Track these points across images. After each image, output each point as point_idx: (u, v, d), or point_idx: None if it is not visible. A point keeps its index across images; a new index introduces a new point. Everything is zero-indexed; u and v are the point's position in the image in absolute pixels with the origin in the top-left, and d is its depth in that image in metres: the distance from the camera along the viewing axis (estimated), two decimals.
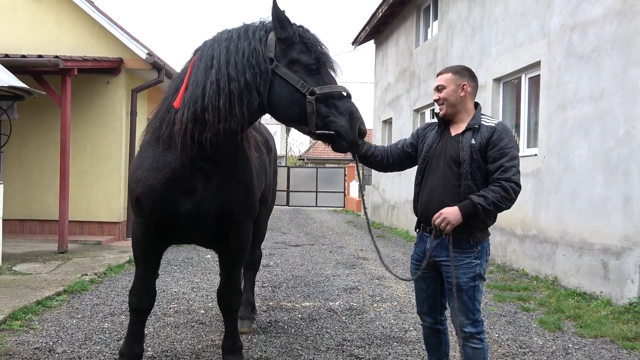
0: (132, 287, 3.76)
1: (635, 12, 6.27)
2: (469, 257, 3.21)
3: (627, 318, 5.70)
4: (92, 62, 10.28)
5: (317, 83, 3.02)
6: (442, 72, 3.43)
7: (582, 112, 7.18)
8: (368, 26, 17.17)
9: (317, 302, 6.42)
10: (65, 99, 9.47)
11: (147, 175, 3.42)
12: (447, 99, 3.30)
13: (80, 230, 10.96)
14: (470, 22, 10.84)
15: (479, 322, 3.25)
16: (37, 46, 10.76)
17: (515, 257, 8.81)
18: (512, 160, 3.17)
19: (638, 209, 6.13)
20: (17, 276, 7.15)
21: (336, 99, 3.04)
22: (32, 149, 10.91)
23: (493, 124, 3.28)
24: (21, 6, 11.13)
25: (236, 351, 3.91)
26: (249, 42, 3.10)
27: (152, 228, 3.55)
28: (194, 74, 3.21)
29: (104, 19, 11.04)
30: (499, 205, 3.10)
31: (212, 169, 3.37)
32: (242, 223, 3.76)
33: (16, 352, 4.39)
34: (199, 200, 3.39)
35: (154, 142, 3.46)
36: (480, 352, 3.22)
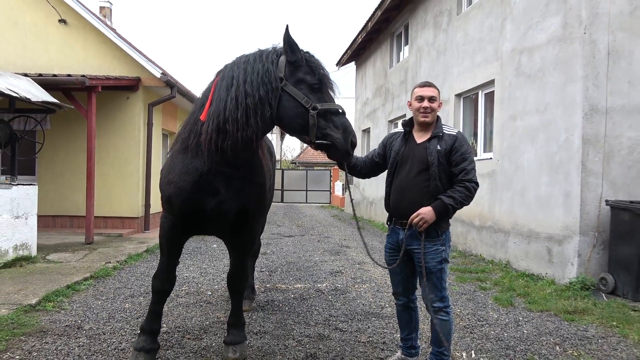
0: (156, 272, 3.71)
1: (574, 39, 6.32)
2: (436, 245, 3.25)
3: (568, 295, 5.75)
4: (114, 81, 10.19)
5: (319, 100, 3.05)
6: (430, 85, 3.46)
7: (530, 123, 7.22)
8: (350, 50, 17.18)
9: (307, 284, 6.40)
10: (91, 112, 9.37)
11: (177, 178, 3.41)
12: (434, 110, 3.36)
13: (104, 224, 10.84)
14: (435, 47, 10.88)
15: (446, 298, 3.29)
16: (67, 67, 10.66)
17: (474, 245, 8.85)
18: (471, 164, 3.27)
19: (576, 203, 6.17)
20: (50, 264, 7.06)
21: (334, 114, 3.06)
22: (62, 155, 10.78)
23: (454, 132, 3.36)
24: (53, 33, 10.99)
25: (240, 326, 3.90)
26: (262, 64, 3.14)
27: (179, 223, 3.54)
28: (217, 91, 3.23)
29: (124, 44, 10.93)
30: (464, 202, 3.21)
31: (233, 172, 3.37)
32: (255, 218, 3.78)
33: (49, 329, 4.33)
34: (221, 199, 3.39)
35: (183, 150, 3.46)
36: (447, 323, 3.28)
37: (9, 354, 3.73)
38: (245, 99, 3.09)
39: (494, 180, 8.17)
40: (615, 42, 6.13)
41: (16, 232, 6.98)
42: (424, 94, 3.36)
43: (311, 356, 3.85)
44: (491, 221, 8.24)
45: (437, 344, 3.30)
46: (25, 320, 4.48)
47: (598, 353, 4.05)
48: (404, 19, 13.11)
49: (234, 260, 3.91)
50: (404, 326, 3.57)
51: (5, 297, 5.17)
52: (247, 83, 3.12)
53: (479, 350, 4.07)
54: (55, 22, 10.96)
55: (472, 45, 9.14)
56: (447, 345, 3.30)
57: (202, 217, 3.46)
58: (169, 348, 3.94)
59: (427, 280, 3.27)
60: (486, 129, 9.03)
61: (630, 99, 6.16)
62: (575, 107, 6.25)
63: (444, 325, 3.26)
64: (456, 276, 6.92)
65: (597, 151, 6.12)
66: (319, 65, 3.15)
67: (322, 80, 3.13)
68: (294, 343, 4.14)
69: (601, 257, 6.09)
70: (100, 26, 10.94)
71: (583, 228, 6.11)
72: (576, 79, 6.25)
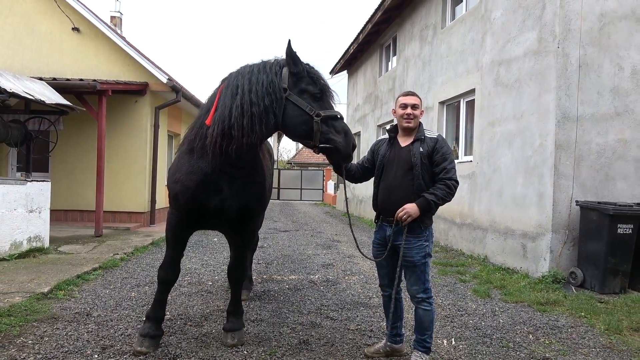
0: (162, 263, 3.68)
1: (548, 52, 6.35)
2: (420, 240, 3.27)
3: (541, 287, 5.76)
4: (123, 85, 10.11)
5: (321, 108, 3.08)
6: (413, 94, 3.49)
7: (507, 129, 7.24)
8: (342, 59, 17.17)
9: (301, 275, 6.38)
10: (102, 114, 9.29)
11: (184, 177, 3.41)
12: (416, 117, 3.40)
13: (113, 219, 10.76)
14: (421, 58, 10.88)
15: (429, 290, 3.31)
16: (79, 72, 10.57)
17: (455, 240, 8.86)
18: (451, 164, 3.30)
19: (549, 203, 6.20)
20: (62, 255, 6.99)
21: (334, 120, 3.09)
22: (74, 154, 10.68)
23: (434, 135, 3.40)
24: (67, 40, 10.90)
25: (238, 315, 3.87)
26: (267, 75, 3.15)
27: (185, 218, 3.52)
28: (222, 98, 3.21)
29: (133, 51, 10.85)
30: (445, 199, 3.22)
31: (236, 172, 3.36)
32: (255, 215, 3.77)
33: (60, 316, 4.28)
34: (224, 197, 3.38)
35: (189, 151, 3.45)
36: (429, 313, 3.29)
37: (22, 338, 3.68)
38: (250, 107, 3.09)
39: (474, 181, 8.19)
40: (586, 56, 6.16)
41: (30, 225, 6.91)
42: (407, 102, 3.40)
43: (304, 342, 3.83)
44: (471, 219, 8.26)
45: (420, 332, 3.32)
46: (37, 308, 4.43)
47: (567, 341, 4.06)
48: (393, 31, 13.11)
49: (235, 253, 3.88)
50: (389, 315, 3.55)
51: (20, 285, 5.11)
52: (252, 92, 3.11)
53: (459, 338, 4.07)
54: (69, 30, 10.86)
55: (455, 57, 9.15)
56: (429, 332, 3.32)
57: (206, 213, 3.45)
58: (172, 334, 3.91)
59: (411, 273, 3.29)
60: (467, 134, 9.04)
61: (599, 108, 6.19)
62: (549, 115, 6.28)
63: (426, 315, 3.28)
64: (438, 269, 6.92)
65: (569, 155, 6.14)
66: (319, 77, 3.18)
67: (323, 90, 3.15)
68: (288, 330, 4.12)
69: (571, 253, 6.12)
70: (111, 34, 10.85)
71: (555, 226, 6.14)
72: (550, 89, 6.27)
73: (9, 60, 10.59)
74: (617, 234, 5.62)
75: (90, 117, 9.59)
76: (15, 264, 6.20)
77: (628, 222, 5.64)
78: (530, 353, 3.76)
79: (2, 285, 5.10)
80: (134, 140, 10.90)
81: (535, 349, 3.84)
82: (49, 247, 7.31)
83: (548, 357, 3.69)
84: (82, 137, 10.59)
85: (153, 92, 11.02)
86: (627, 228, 5.64)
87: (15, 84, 6.81)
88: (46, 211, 7.29)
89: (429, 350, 3.35)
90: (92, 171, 9.94)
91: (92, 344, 3.62)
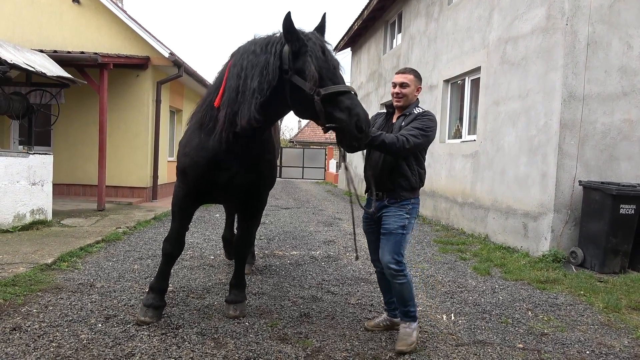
0: (167, 236, 3.68)
1: (556, 29, 6.24)
2: (401, 211, 3.26)
3: (541, 266, 5.79)
4: (125, 59, 10.02)
5: (322, 85, 2.80)
6: (405, 72, 3.38)
7: (512, 107, 7.18)
8: (346, 36, 16.92)
9: (302, 251, 6.42)
10: (103, 88, 9.22)
11: (194, 152, 3.37)
12: (406, 96, 3.32)
13: (115, 193, 10.79)
14: (427, 35, 10.73)
15: (402, 262, 3.23)
16: (80, 45, 10.46)
17: (456, 219, 8.88)
18: (420, 130, 3.16)
19: (552, 183, 6.18)
20: (65, 228, 7.03)
21: (338, 96, 2.78)
22: (76, 127, 10.64)
23: (421, 110, 3.33)
24: (67, 13, 10.76)
25: (241, 288, 3.91)
26: (266, 56, 2.95)
27: (192, 192, 3.51)
28: (229, 78, 3.11)
29: (135, 24, 10.71)
30: (388, 146, 3.03)
31: (246, 151, 3.32)
32: (264, 192, 3.77)
33: (64, 286, 4.33)
34: (233, 174, 3.35)
35: (199, 127, 3.40)
36: (406, 285, 3.25)
37: (27, 307, 3.73)
38: (252, 94, 2.95)
39: (477, 160, 8.16)
40: (595, 34, 6.06)
41: (33, 198, 6.93)
42: (396, 81, 3.35)
43: (305, 315, 3.87)
44: (472, 198, 8.26)
45: (403, 304, 3.31)
46: (41, 278, 4.48)
47: (566, 318, 4.10)
48: (398, 7, 12.89)
49: (242, 228, 3.90)
50: (384, 290, 3.58)
51: (24, 256, 5.15)
52: (254, 78, 2.96)
53: (458, 314, 4.11)
54: (69, 2, 10.71)
55: (461, 34, 9.01)
56: (411, 302, 3.29)
57: (214, 189, 3.45)
58: (175, 305, 3.95)
59: (386, 242, 3.23)
60: (471, 113, 8.97)
61: (606, 88, 6.12)
62: (554, 93, 6.21)
63: (404, 288, 3.25)
64: (439, 247, 6.96)
65: (573, 135, 6.10)
66: (320, 50, 2.88)
67: (324, 65, 2.85)
68: (289, 303, 4.16)
69: (572, 232, 6.14)
70: (113, 7, 10.68)
71: (557, 206, 6.13)
72: (557, 67, 6.18)
73: (9, 32, 10.46)
74: (620, 214, 5.62)
75: (91, 91, 9.53)
76: (18, 235, 6.25)
77: (631, 202, 5.63)
78: (529, 329, 3.80)
79: (6, 256, 5.15)
80: (136, 114, 10.84)
81: (533, 325, 3.88)
82: (52, 220, 7.35)
83: (546, 332, 3.73)
84: (83, 110, 10.54)
85: (155, 66, 10.92)
86: (630, 209, 5.64)
87: (16, 55, 6.74)
88: (49, 184, 7.30)
89: (415, 318, 3.34)
90: (93, 145, 9.92)
91: (96, 314, 3.67)
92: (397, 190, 3.25)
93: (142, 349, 3.08)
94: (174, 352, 3.06)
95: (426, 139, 3.21)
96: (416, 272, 5.51)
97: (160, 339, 3.24)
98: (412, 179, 3.27)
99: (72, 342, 3.13)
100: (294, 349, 3.20)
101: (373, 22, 14.91)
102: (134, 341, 3.19)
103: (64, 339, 3.17)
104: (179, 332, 3.38)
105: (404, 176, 3.25)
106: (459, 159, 8.88)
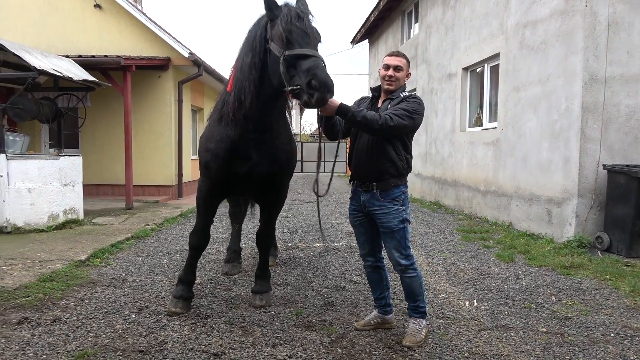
0: (193, 230, 3.81)
1: (575, 11, 6.14)
2: (395, 205, 3.12)
3: (565, 252, 5.74)
4: (147, 61, 10.25)
5: (289, 49, 2.81)
6: (399, 55, 3.22)
7: (532, 93, 7.10)
8: (363, 28, 16.87)
9: (326, 242, 6.50)
10: (127, 90, 9.48)
11: (214, 146, 3.47)
12: (398, 80, 3.17)
13: (142, 192, 11.08)
14: (444, 23, 10.64)
15: (410, 256, 3.17)
16: (103, 49, 10.74)
17: (479, 208, 8.84)
18: (405, 112, 2.99)
19: (575, 168, 6.11)
20: (96, 226, 7.30)
21: (301, 59, 2.75)
22: (102, 129, 10.97)
23: (406, 94, 3.17)
24: (90, 18, 11.05)
25: (266, 278, 4.02)
26: (256, 29, 3.13)
27: (215, 185, 3.60)
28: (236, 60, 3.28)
29: (155, 26, 10.94)
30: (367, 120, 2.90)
31: (261, 137, 3.38)
32: (284, 182, 3.83)
33: (98, 281, 4.53)
34: (253, 164, 3.43)
35: (218, 120, 3.50)
36: (415, 279, 3.19)
37: (65, 301, 3.93)
38: (244, 67, 3.12)
39: (498, 148, 8.10)
40: (616, 14, 5.93)
41: (65, 198, 7.21)
42: (390, 63, 3.16)
43: (329, 304, 3.97)
44: (495, 186, 8.21)
45: (412, 299, 3.24)
46: (76, 274, 4.69)
47: (591, 302, 4.09)
48: None
49: (263, 220, 4.00)
50: (375, 286, 3.46)
51: (59, 254, 5.40)
52: (246, 53, 3.13)
53: (481, 300, 4.14)
54: (91, 7, 11.00)
55: (478, 21, 8.92)
56: (421, 297, 3.23)
57: (235, 180, 3.52)
58: (203, 297, 4.10)
59: (390, 240, 3.15)
60: (491, 100, 8.89)
61: (629, 69, 6.00)
62: (575, 77, 6.12)
63: (413, 281, 3.17)
64: (462, 236, 6.96)
65: (596, 118, 6.01)
66: (288, 14, 2.90)
67: (293, 30, 2.85)
68: (313, 293, 4.26)
69: (597, 217, 6.06)
70: (133, 10, 10.94)
71: (581, 191, 6.06)
72: (577, 50, 6.09)
73: (35, 39, 10.81)
74: None
75: (115, 93, 9.79)
76: (53, 234, 6.52)
77: None
78: (553, 313, 3.81)
79: (43, 253, 5.40)
80: (159, 115, 11.10)
81: (557, 310, 3.88)
82: (84, 219, 7.63)
83: (570, 316, 3.74)
84: (108, 112, 10.84)
85: (175, 66, 11.14)
86: None
87: (43, 61, 6.99)
88: (79, 184, 7.58)
89: (425, 315, 3.29)
90: (119, 146, 10.21)
91: (129, 306, 3.84)
92: (385, 176, 3.10)
93: (174, 337, 3.23)
94: (204, 339, 3.20)
95: (412, 121, 3.03)
96: (438, 260, 5.54)
97: (191, 328, 3.39)
98: (400, 164, 3.11)
99: (108, 332, 3.30)
100: (318, 336, 3.30)
101: (389, 12, 14.83)
102: (166, 330, 3.35)
103: (100, 329, 3.34)
104: (208, 322, 3.52)
105: (391, 161, 3.10)
106: (480, 147, 8.81)
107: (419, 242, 6.60)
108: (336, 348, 3.12)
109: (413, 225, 7.90)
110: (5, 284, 4.29)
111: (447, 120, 10.45)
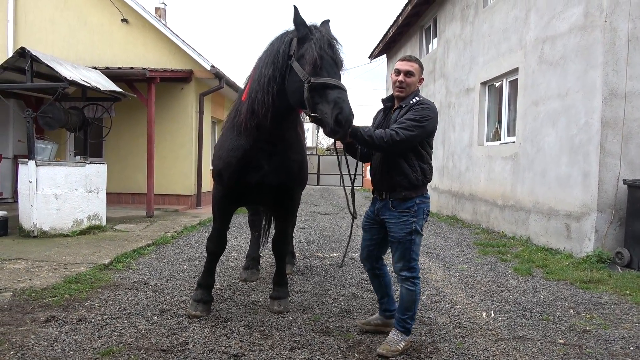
0: (209, 236, 3.92)
1: (595, 27, 6.16)
2: (405, 216, 3.09)
3: (584, 267, 5.69)
4: (170, 73, 10.53)
5: (316, 75, 2.85)
6: (411, 59, 3.16)
7: (551, 107, 7.10)
8: (381, 43, 17.03)
9: (342, 253, 6.53)
10: (151, 101, 9.74)
11: (226, 154, 3.56)
12: (409, 85, 3.10)
13: (162, 201, 11.28)
14: (462, 38, 10.72)
15: (415, 269, 3.15)
16: (128, 61, 11.07)
17: (496, 222, 8.79)
18: (412, 122, 2.94)
19: (594, 182, 6.08)
20: (118, 233, 7.47)
21: (328, 89, 2.80)
22: (126, 139, 11.24)
23: (416, 100, 3.08)
24: (117, 32, 11.42)
25: (283, 285, 4.09)
26: (279, 44, 3.17)
27: (229, 193, 3.70)
28: (253, 70, 3.35)
29: (179, 40, 11.24)
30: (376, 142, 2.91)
31: (272, 149, 3.45)
32: (295, 191, 3.90)
33: (121, 284, 4.65)
34: (264, 174, 3.50)
35: (231, 129, 3.59)
36: (412, 293, 3.15)
37: (90, 302, 4.05)
38: (262, 79, 3.16)
39: (517, 162, 8.08)
40: (636, 29, 5.94)
41: (89, 204, 7.41)
42: (401, 68, 3.10)
43: (346, 311, 4.01)
44: (513, 200, 8.17)
45: (401, 311, 3.20)
46: (100, 277, 4.82)
47: (610, 316, 4.05)
48: (433, 12, 12.92)
49: (278, 228, 4.08)
50: (376, 290, 3.53)
51: (83, 257, 5.55)
52: (267, 65, 3.17)
53: (498, 311, 4.13)
54: (118, 21, 11.37)
55: (497, 36, 8.98)
56: (411, 313, 3.17)
57: (247, 189, 3.60)
58: (222, 302, 4.18)
59: (396, 249, 3.14)
60: (510, 114, 8.89)
61: None
62: (595, 91, 6.12)
63: (409, 295, 3.14)
64: (479, 249, 6.94)
65: (616, 133, 5.98)
66: (321, 39, 2.93)
67: (323, 55, 2.89)
68: (330, 300, 4.31)
69: (617, 232, 6.00)
70: (158, 24, 11.28)
71: (600, 205, 6.02)
72: (596, 65, 6.10)
73: (64, 52, 11.20)
74: None
75: (139, 104, 10.06)
76: (77, 239, 6.70)
77: None
78: (571, 326, 3.78)
79: (68, 257, 5.56)
80: (181, 126, 11.34)
81: (575, 322, 3.86)
82: (106, 226, 7.82)
83: (589, 329, 3.71)
84: (132, 123, 11.12)
85: (197, 79, 11.40)
86: None
87: (73, 72, 7.27)
88: (103, 191, 7.79)
89: (409, 332, 3.21)
90: (142, 156, 10.45)
91: (152, 308, 3.94)
92: (397, 189, 3.08)
93: (195, 338, 3.31)
94: (223, 341, 3.27)
95: (422, 129, 2.97)
96: (455, 272, 5.54)
97: (211, 330, 3.46)
98: (413, 176, 3.06)
99: (131, 332, 3.39)
100: (336, 341, 3.34)
101: (408, 27, 14.97)
102: (187, 332, 3.43)
103: (124, 329, 3.44)
104: (228, 325, 3.59)
105: (403, 174, 3.06)
106: (498, 161, 8.80)
107: (435, 254, 6.60)
108: (353, 353, 3.16)
109: (429, 238, 7.89)
110: (33, 284, 4.44)
111: (464, 135, 10.46)
